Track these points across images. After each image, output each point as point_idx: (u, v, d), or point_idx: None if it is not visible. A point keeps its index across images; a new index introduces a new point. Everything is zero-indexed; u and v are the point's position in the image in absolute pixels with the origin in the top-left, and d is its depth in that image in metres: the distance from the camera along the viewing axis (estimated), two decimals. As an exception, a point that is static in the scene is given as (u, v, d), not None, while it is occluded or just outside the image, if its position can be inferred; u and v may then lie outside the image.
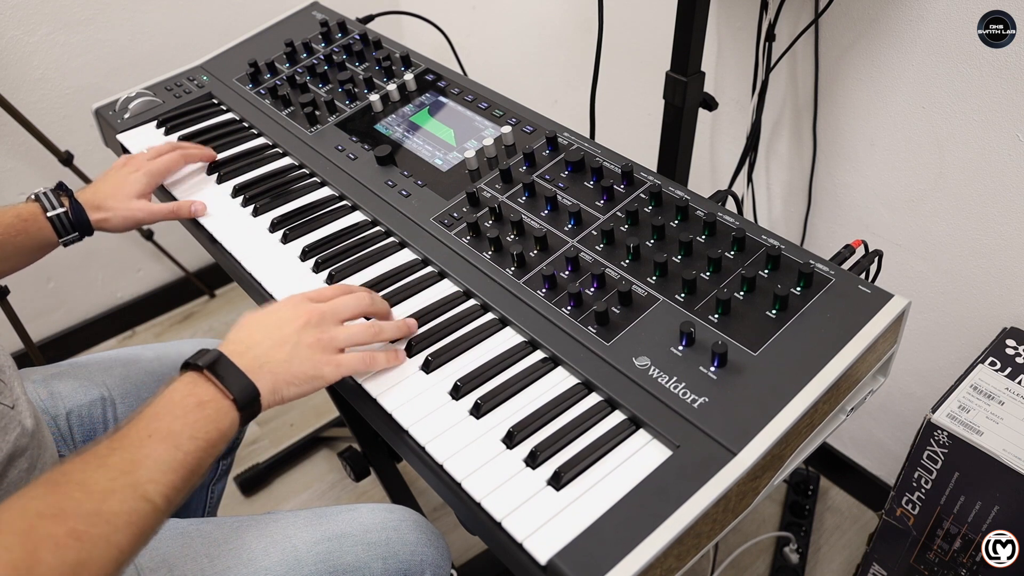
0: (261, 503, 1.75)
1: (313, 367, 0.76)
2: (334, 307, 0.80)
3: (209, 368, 0.71)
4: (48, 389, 1.02)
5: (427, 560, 0.90)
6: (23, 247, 0.98)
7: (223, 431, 0.69)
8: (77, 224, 1.01)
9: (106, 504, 0.59)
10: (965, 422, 1.02)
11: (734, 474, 0.65)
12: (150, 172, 1.06)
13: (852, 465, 1.60)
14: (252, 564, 0.83)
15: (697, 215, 0.88)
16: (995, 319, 1.19)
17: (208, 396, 0.70)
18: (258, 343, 0.75)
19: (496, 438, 0.73)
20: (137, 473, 0.62)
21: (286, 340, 0.76)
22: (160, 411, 0.67)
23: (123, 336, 2.20)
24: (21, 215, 0.98)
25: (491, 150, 1.03)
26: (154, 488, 0.62)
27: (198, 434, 0.67)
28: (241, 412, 0.71)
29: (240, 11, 1.98)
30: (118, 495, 0.60)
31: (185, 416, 0.67)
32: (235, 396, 0.70)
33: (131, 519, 0.60)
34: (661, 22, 1.45)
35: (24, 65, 1.75)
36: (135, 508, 0.60)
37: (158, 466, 0.63)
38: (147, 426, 0.66)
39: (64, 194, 1.02)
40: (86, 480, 0.60)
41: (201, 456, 0.67)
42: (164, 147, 1.11)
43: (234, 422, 0.70)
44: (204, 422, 0.68)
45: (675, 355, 0.75)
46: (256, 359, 0.73)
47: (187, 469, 0.65)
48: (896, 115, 1.19)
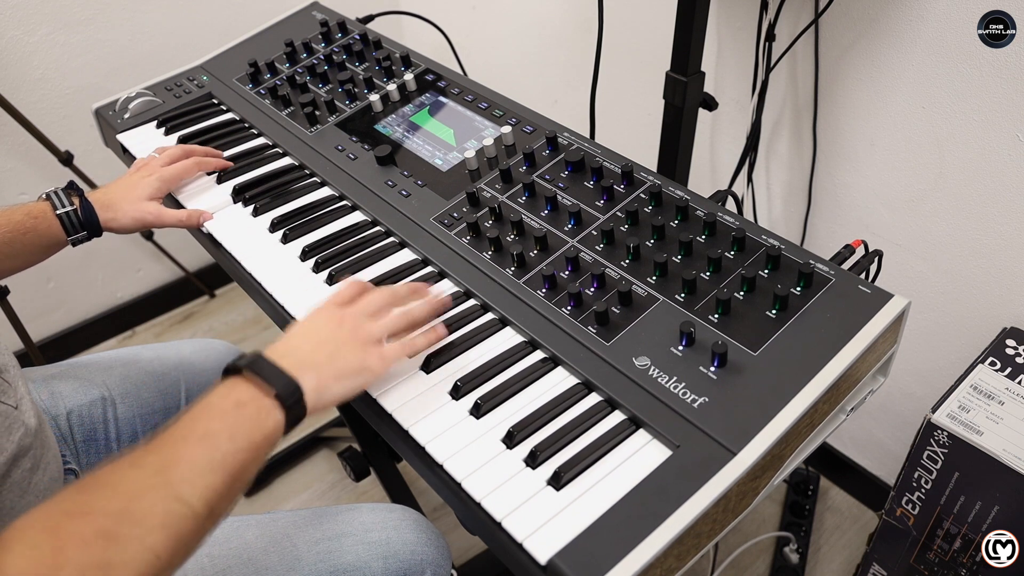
0: (261, 503, 1.75)
1: (358, 360, 0.74)
2: (363, 305, 0.79)
3: (248, 368, 0.68)
4: (48, 389, 1.02)
5: (427, 560, 0.90)
6: (33, 245, 0.98)
7: (267, 432, 0.66)
8: (86, 223, 1.01)
9: (136, 503, 0.57)
10: (965, 422, 1.02)
11: (734, 474, 0.65)
12: (163, 178, 1.06)
13: (852, 465, 1.60)
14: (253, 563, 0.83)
15: (697, 215, 0.88)
16: (995, 319, 1.19)
17: (248, 396, 0.67)
18: (298, 347, 0.73)
19: (496, 438, 0.73)
20: (170, 473, 0.59)
21: (326, 341, 0.74)
22: (198, 413, 0.65)
23: (123, 336, 2.20)
24: (31, 213, 0.98)
25: (491, 150, 1.03)
26: (190, 490, 0.59)
27: (238, 435, 0.64)
28: (286, 411, 0.67)
29: (240, 11, 1.98)
30: (149, 495, 0.58)
31: (223, 417, 0.64)
32: (278, 392, 0.67)
33: (165, 520, 0.57)
34: (661, 22, 1.45)
35: (24, 65, 1.75)
36: (169, 509, 0.58)
37: (193, 467, 0.60)
38: (183, 427, 0.63)
39: (75, 193, 1.02)
40: (118, 480, 0.59)
41: (243, 458, 0.63)
42: (178, 152, 1.11)
43: (279, 423, 0.67)
44: (244, 422, 0.65)
45: (675, 355, 0.75)
46: (298, 360, 0.71)
47: (227, 472, 0.62)
48: (896, 115, 1.19)
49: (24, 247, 0.97)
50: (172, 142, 1.21)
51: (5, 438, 0.76)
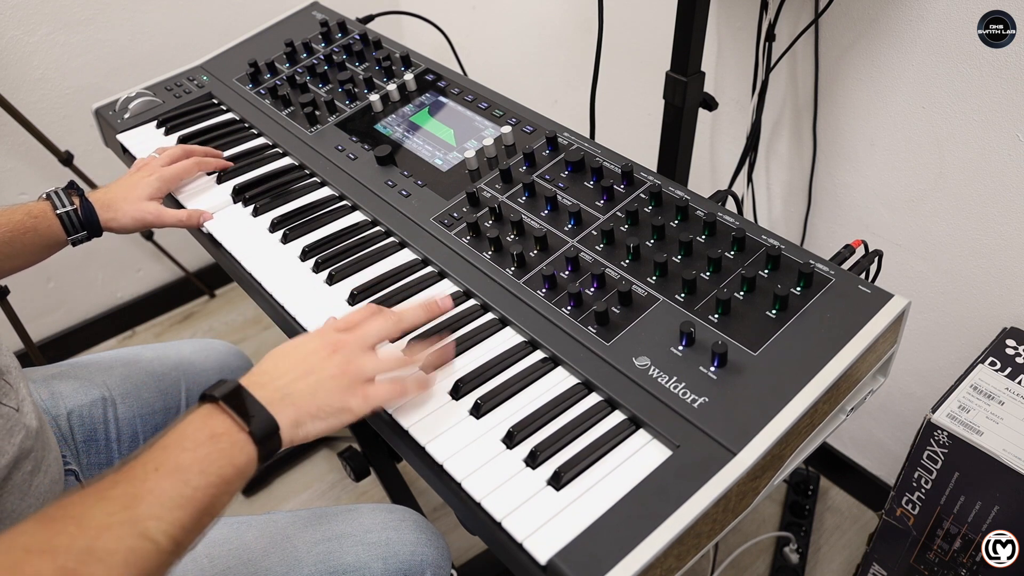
0: (261, 503, 1.75)
1: (340, 399, 0.70)
2: (361, 335, 0.75)
3: (225, 399, 0.65)
4: (48, 389, 1.02)
5: (427, 560, 0.90)
6: (33, 244, 0.98)
7: (239, 467, 0.63)
8: (86, 223, 1.01)
9: (100, 541, 0.54)
10: (965, 422, 1.02)
11: (734, 474, 0.65)
12: (163, 178, 1.06)
13: (852, 465, 1.60)
14: (252, 564, 0.83)
15: (697, 215, 0.88)
16: (995, 319, 1.19)
17: (222, 428, 0.64)
18: (282, 375, 0.70)
19: (496, 438, 0.73)
20: (138, 508, 0.57)
21: (311, 371, 0.71)
22: (170, 443, 0.62)
23: (123, 336, 2.20)
24: (31, 212, 0.98)
25: (491, 150, 1.03)
26: (156, 525, 0.57)
27: (209, 469, 0.61)
28: (258, 447, 0.65)
29: (240, 11, 1.98)
30: (115, 531, 0.55)
31: (196, 449, 0.62)
32: (251, 428, 0.64)
33: (128, 558, 0.55)
34: (661, 22, 1.45)
35: (24, 65, 1.75)
36: (133, 546, 0.55)
37: (162, 502, 0.58)
38: (155, 458, 0.61)
39: (75, 193, 1.02)
40: (83, 515, 0.56)
41: (213, 493, 0.61)
42: (179, 152, 1.11)
43: (251, 458, 0.64)
44: (217, 456, 0.62)
45: (675, 355, 0.75)
46: (278, 390, 0.68)
47: (196, 507, 0.59)
48: (896, 115, 1.19)
49: (24, 247, 0.97)
50: (172, 142, 1.21)
51: (6, 441, 0.76)
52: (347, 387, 0.71)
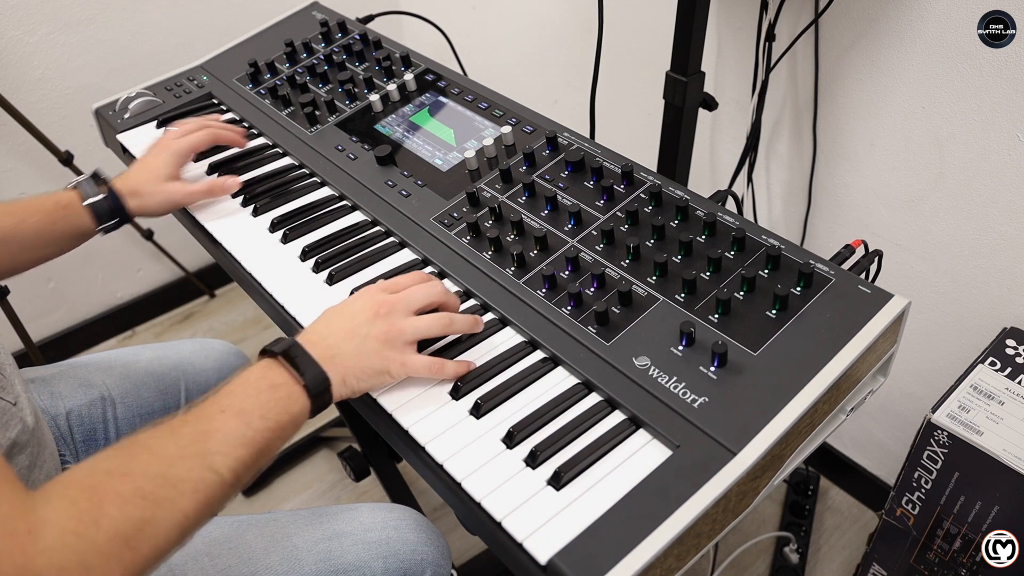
0: (261, 503, 1.75)
1: (380, 362, 0.75)
2: (406, 297, 0.79)
3: (283, 354, 0.72)
4: (48, 389, 1.02)
5: (427, 559, 0.90)
6: (63, 234, 0.98)
7: (294, 415, 0.70)
8: (116, 211, 1.01)
9: (173, 469, 0.61)
10: (965, 422, 1.02)
11: (734, 474, 0.65)
12: (175, 152, 1.05)
13: (852, 465, 1.60)
14: (252, 563, 0.83)
15: (697, 215, 0.88)
16: (995, 319, 1.19)
17: (281, 380, 0.71)
18: (332, 333, 0.76)
19: (496, 438, 0.73)
20: (206, 444, 0.64)
21: (356, 332, 0.76)
22: (235, 389, 0.69)
23: (123, 336, 2.20)
24: (60, 202, 0.98)
25: (491, 150, 1.03)
26: (222, 460, 0.64)
27: (268, 414, 0.68)
28: (312, 399, 0.72)
29: (240, 11, 1.98)
30: (186, 462, 0.62)
31: (258, 396, 0.69)
32: (306, 382, 0.71)
33: (197, 487, 0.62)
34: (661, 22, 1.45)
35: (24, 65, 1.75)
36: (202, 477, 0.62)
37: (227, 440, 0.65)
38: (220, 402, 0.68)
39: (103, 182, 1.02)
40: (156, 446, 0.63)
41: (270, 437, 0.68)
42: (192, 124, 1.10)
43: (305, 408, 0.71)
44: (275, 404, 0.69)
45: (675, 355, 0.75)
46: (329, 348, 0.74)
47: (256, 447, 0.67)
48: (896, 115, 1.19)
49: (54, 237, 0.98)
50: (172, 142, 1.20)
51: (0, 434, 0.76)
52: (387, 351, 0.76)
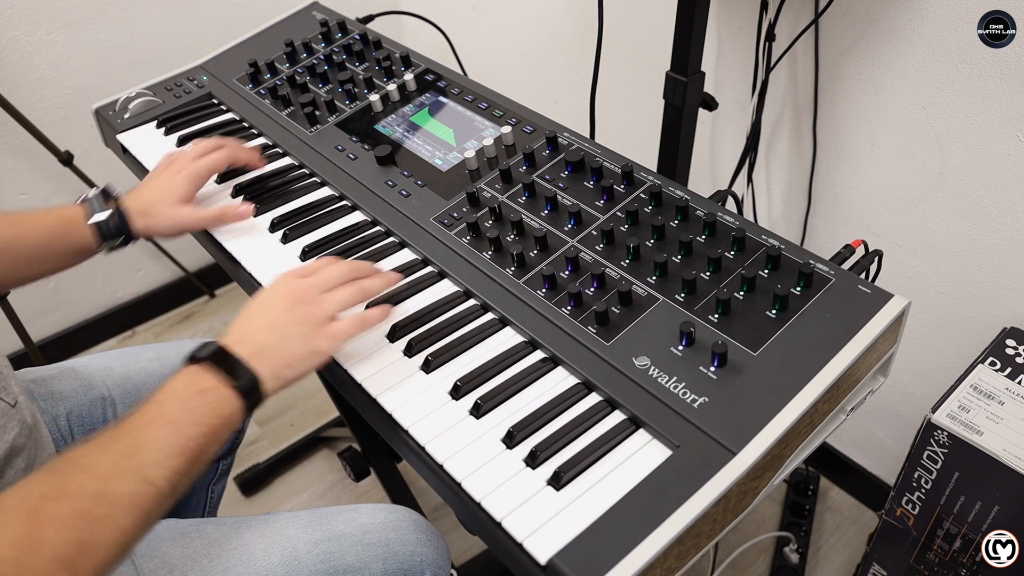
0: (261, 503, 1.75)
1: (306, 343, 0.76)
2: (318, 279, 0.81)
3: (210, 358, 0.72)
4: (48, 389, 1.02)
5: (427, 560, 0.90)
6: (65, 250, 0.97)
7: (226, 418, 0.70)
8: (121, 230, 0.98)
9: (109, 486, 0.61)
10: (965, 422, 1.02)
11: (734, 474, 0.65)
12: (192, 175, 1.02)
13: (852, 465, 1.60)
14: (252, 564, 0.83)
15: (697, 215, 0.88)
16: (995, 319, 1.19)
17: (209, 384, 0.70)
18: (254, 330, 0.76)
19: (496, 438, 0.73)
20: (139, 457, 0.64)
21: (277, 323, 0.77)
22: (164, 399, 0.69)
23: (123, 336, 2.20)
24: (64, 218, 0.96)
25: (491, 150, 1.03)
26: (157, 471, 0.64)
27: (200, 421, 0.68)
28: (244, 398, 0.71)
29: (240, 11, 1.98)
30: (120, 477, 0.62)
31: (185, 403, 0.68)
32: (236, 383, 0.71)
33: (134, 501, 0.62)
34: (661, 22, 1.45)
35: (24, 65, 1.75)
36: (138, 490, 0.62)
37: (160, 450, 0.65)
38: (149, 413, 0.67)
39: (111, 199, 0.99)
40: (90, 464, 0.62)
41: (204, 443, 0.68)
42: (210, 144, 1.06)
43: (237, 410, 0.71)
44: (206, 409, 0.69)
45: (675, 355, 0.75)
46: (254, 345, 0.74)
47: (190, 454, 0.66)
48: (896, 115, 1.19)
49: (57, 253, 0.97)
50: (172, 142, 1.20)
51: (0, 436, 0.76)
52: (312, 332, 0.77)
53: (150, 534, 0.83)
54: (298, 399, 1.98)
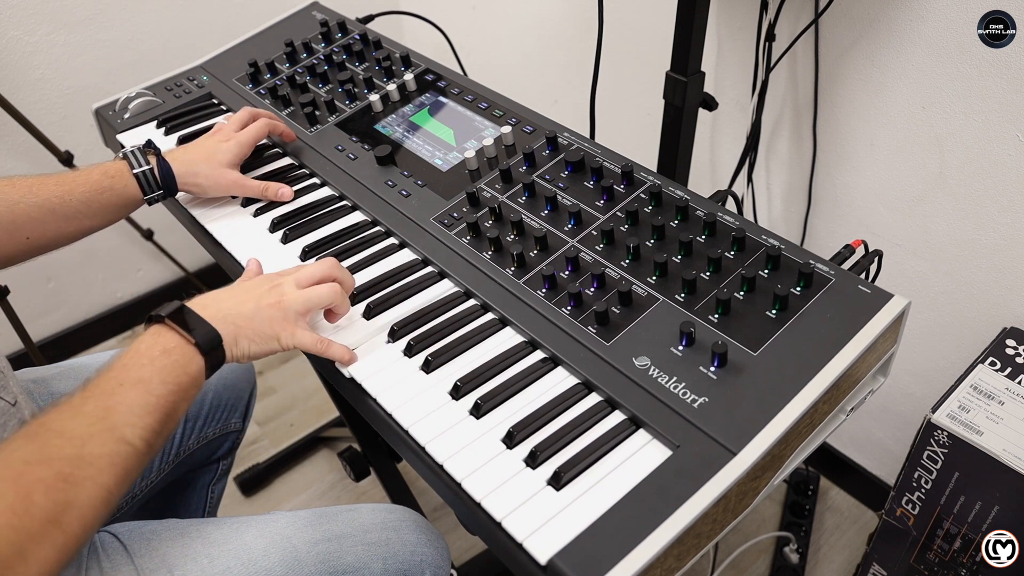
0: (261, 503, 1.75)
1: (271, 328, 0.79)
2: (297, 275, 0.83)
3: (171, 317, 0.74)
4: (48, 389, 1.02)
5: (427, 560, 0.90)
6: (109, 204, 0.99)
7: (192, 375, 0.72)
8: (163, 182, 1.01)
9: (87, 448, 0.63)
10: (965, 422, 1.02)
11: (734, 474, 0.65)
12: (240, 143, 1.06)
13: (852, 465, 1.60)
14: (252, 564, 0.83)
15: (697, 215, 0.88)
16: (995, 319, 1.19)
17: (173, 343, 0.72)
18: (224, 299, 0.80)
19: (496, 438, 0.73)
20: (113, 418, 0.65)
21: (249, 299, 0.80)
22: (128, 362, 0.70)
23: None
24: (108, 172, 0.99)
25: (491, 150, 1.03)
26: (131, 431, 0.66)
27: (168, 379, 0.70)
28: (205, 357, 0.73)
29: (240, 11, 1.98)
30: (97, 439, 0.64)
31: (152, 363, 0.70)
32: (197, 340, 0.73)
33: (114, 460, 0.64)
34: (661, 22, 1.45)
35: (24, 65, 1.75)
36: (116, 450, 0.64)
37: (132, 410, 0.66)
38: (117, 376, 0.69)
39: (152, 152, 1.02)
40: (65, 428, 0.64)
41: (173, 400, 0.70)
42: (246, 116, 1.11)
43: (200, 368, 0.73)
44: (172, 367, 0.71)
45: (675, 355, 0.75)
46: (219, 311, 0.77)
47: (162, 412, 0.68)
48: (896, 115, 1.19)
49: (102, 206, 0.98)
50: (172, 142, 1.20)
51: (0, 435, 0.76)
52: (280, 319, 0.79)
53: (150, 534, 0.84)
54: (298, 399, 1.98)
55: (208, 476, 1.23)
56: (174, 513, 1.19)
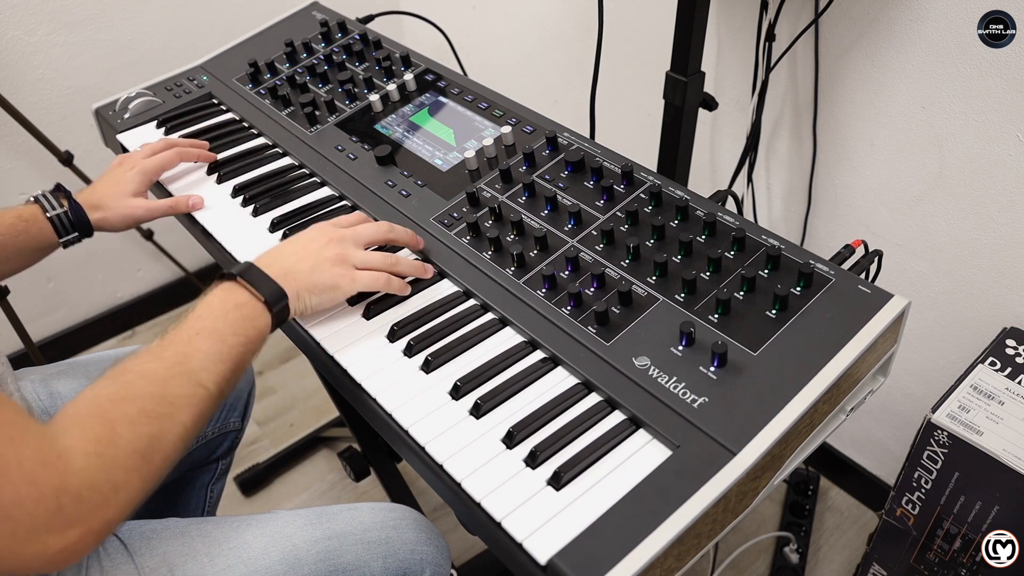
0: (261, 503, 1.75)
1: (331, 278, 0.83)
2: (355, 232, 0.88)
3: (241, 275, 0.79)
4: (48, 389, 1.02)
5: (427, 559, 0.90)
6: (24, 248, 0.99)
7: (260, 329, 0.78)
8: (77, 224, 1.02)
9: (167, 388, 0.69)
10: (965, 422, 1.02)
11: (734, 474, 0.65)
12: (144, 171, 1.07)
13: (852, 465, 1.60)
14: (252, 563, 0.83)
15: (697, 215, 0.88)
16: (995, 319, 1.19)
17: (243, 299, 0.78)
18: (285, 257, 0.84)
19: (496, 438, 0.73)
20: (190, 363, 0.71)
21: (309, 254, 0.84)
22: (203, 313, 0.76)
23: (123, 336, 2.20)
24: (22, 216, 0.99)
25: (491, 150, 1.03)
26: (207, 376, 0.71)
27: (239, 331, 0.75)
28: (273, 313, 0.79)
29: (240, 11, 1.98)
30: (176, 380, 0.70)
31: (226, 316, 0.76)
32: (266, 298, 0.78)
33: (191, 401, 0.70)
34: (661, 22, 1.45)
35: (24, 65, 1.75)
36: (193, 392, 0.70)
37: (208, 357, 0.72)
38: (192, 326, 0.74)
39: (63, 195, 1.03)
40: (147, 370, 0.70)
41: (243, 351, 0.76)
42: (160, 144, 1.12)
43: (268, 323, 0.79)
44: (242, 321, 0.76)
45: (675, 355, 0.75)
46: (283, 268, 0.82)
47: (233, 361, 0.74)
48: (896, 115, 1.19)
49: (17, 251, 0.99)
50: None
51: None
52: (337, 269, 0.84)
53: (150, 533, 0.84)
54: (298, 399, 1.98)
55: (207, 476, 1.23)
56: (173, 513, 1.20)
